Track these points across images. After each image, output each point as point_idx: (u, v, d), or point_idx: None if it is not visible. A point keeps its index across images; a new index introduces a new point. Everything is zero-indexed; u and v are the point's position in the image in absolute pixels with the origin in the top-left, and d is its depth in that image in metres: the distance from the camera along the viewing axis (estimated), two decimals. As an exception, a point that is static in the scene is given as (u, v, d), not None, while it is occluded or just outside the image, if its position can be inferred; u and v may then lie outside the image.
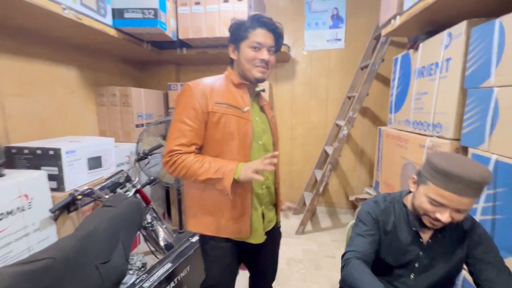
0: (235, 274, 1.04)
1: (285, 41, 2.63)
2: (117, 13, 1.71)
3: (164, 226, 1.77)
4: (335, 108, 2.71)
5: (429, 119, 1.36)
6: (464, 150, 1.12)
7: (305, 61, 2.69)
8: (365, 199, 2.33)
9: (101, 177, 1.60)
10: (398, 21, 1.58)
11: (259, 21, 0.89)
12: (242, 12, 1.96)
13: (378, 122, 2.62)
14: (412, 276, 0.85)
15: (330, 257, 2.09)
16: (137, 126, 2.18)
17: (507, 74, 0.90)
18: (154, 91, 2.44)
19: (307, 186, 2.82)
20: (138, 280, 1.02)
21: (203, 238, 0.99)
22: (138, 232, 1.85)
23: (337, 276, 1.88)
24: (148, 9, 1.70)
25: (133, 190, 1.55)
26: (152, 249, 1.71)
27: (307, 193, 2.79)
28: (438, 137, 1.29)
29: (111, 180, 1.54)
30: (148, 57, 2.50)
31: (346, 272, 0.76)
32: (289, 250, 2.18)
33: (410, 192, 0.86)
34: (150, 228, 1.69)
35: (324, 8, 2.58)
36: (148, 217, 1.71)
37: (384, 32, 1.81)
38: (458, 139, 1.16)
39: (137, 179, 1.60)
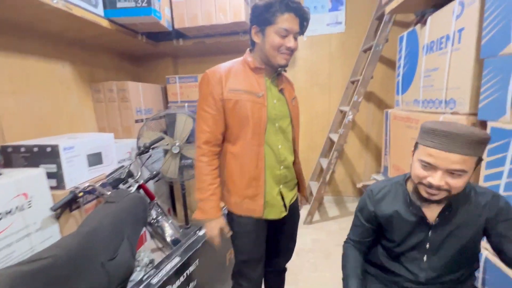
0: (262, 248, 1.06)
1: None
2: (109, 3, 1.64)
3: (170, 221, 1.73)
4: (338, 94, 2.63)
5: (441, 95, 1.30)
6: (482, 124, 1.06)
7: (305, 47, 2.61)
8: (373, 185, 2.28)
9: (102, 173, 1.55)
10: (403, -5, 1.51)
11: (288, 6, 0.85)
12: (238, -3, 1.88)
13: (383, 106, 2.55)
14: (425, 258, 0.81)
15: (340, 245, 2.02)
16: (136, 121, 2.13)
17: (530, 38, 0.84)
18: (152, 85, 2.38)
19: (313, 176, 2.77)
20: (146, 277, 0.98)
21: (229, 213, 1.04)
22: (144, 229, 1.82)
23: (349, 264, 1.83)
24: (140, -3, 1.63)
25: (136, 185, 1.50)
26: (160, 245, 1.67)
27: (313, 182, 2.74)
28: (452, 113, 1.22)
29: (112, 176, 1.49)
30: (144, 50, 2.44)
31: (343, 253, 0.95)
32: (298, 241, 2.09)
33: None
34: (156, 224, 1.65)
35: (323, -9, 2.49)
36: (153, 213, 1.66)
37: (388, 9, 1.73)
38: (474, 114, 1.10)
39: (139, 174, 1.55)
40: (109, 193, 1.39)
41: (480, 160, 0.70)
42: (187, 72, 2.77)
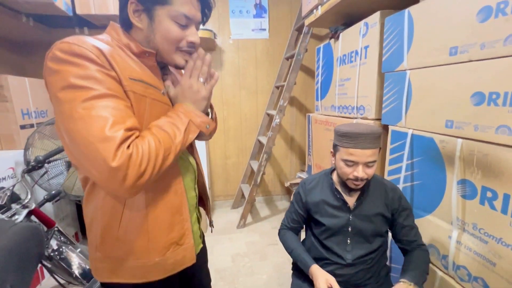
0: None
1: (211, 27, 2.47)
2: (-30, -32, 1.21)
3: (78, 250, 1.41)
4: (265, 98, 2.73)
5: (353, 102, 1.49)
6: (385, 127, 1.26)
7: (232, 50, 2.60)
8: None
9: (-35, 201, 1.12)
10: (320, 11, 1.66)
11: None
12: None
13: (304, 110, 2.79)
14: (348, 241, 0.94)
15: (273, 244, 2.12)
16: (22, 127, 1.65)
17: (417, 58, 1.04)
18: (45, 81, 1.90)
19: (244, 178, 2.78)
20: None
21: None
22: (40, 265, 1.42)
23: (283, 261, 1.92)
24: (23, -33, 1.26)
25: (24, 212, 1.15)
26: (62, 281, 1.34)
27: (244, 185, 2.76)
28: (362, 118, 1.42)
29: (-16, 203, 1.10)
30: (32, 37, 1.93)
31: (279, 238, 1.08)
32: (233, 246, 2.10)
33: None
34: (58, 257, 1.31)
35: (247, -4, 2.53)
36: (53, 243, 1.32)
37: (307, 22, 1.88)
38: (379, 119, 1.30)
39: (29, 196, 1.19)
40: (-22, 228, 1.01)
41: (380, 149, 0.89)
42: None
